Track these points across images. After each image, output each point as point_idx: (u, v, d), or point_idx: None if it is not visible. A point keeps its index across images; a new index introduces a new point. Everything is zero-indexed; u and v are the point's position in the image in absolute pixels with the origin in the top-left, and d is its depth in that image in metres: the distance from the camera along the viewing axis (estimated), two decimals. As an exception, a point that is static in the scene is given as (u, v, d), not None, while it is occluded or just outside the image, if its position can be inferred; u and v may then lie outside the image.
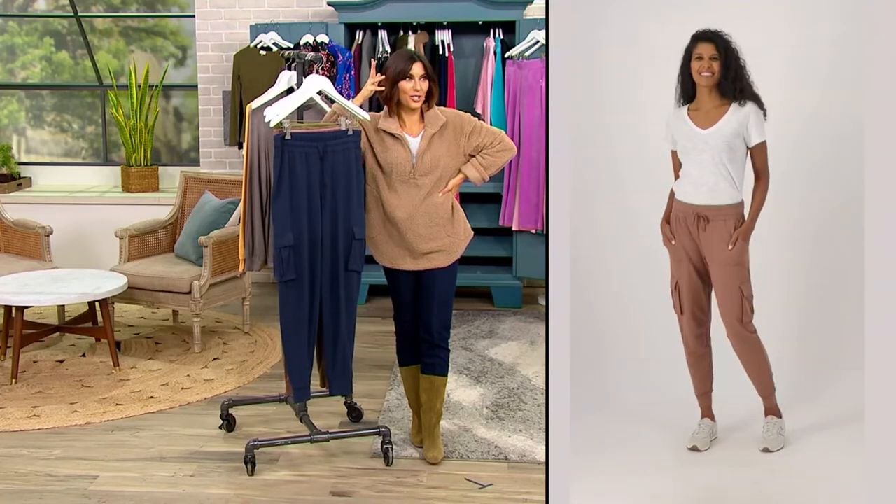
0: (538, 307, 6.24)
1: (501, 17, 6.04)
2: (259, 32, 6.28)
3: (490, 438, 3.99)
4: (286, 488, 3.58)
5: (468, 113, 3.77)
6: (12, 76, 7.68)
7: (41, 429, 4.17)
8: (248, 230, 3.77)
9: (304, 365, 3.70)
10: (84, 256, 6.80)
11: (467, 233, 3.74)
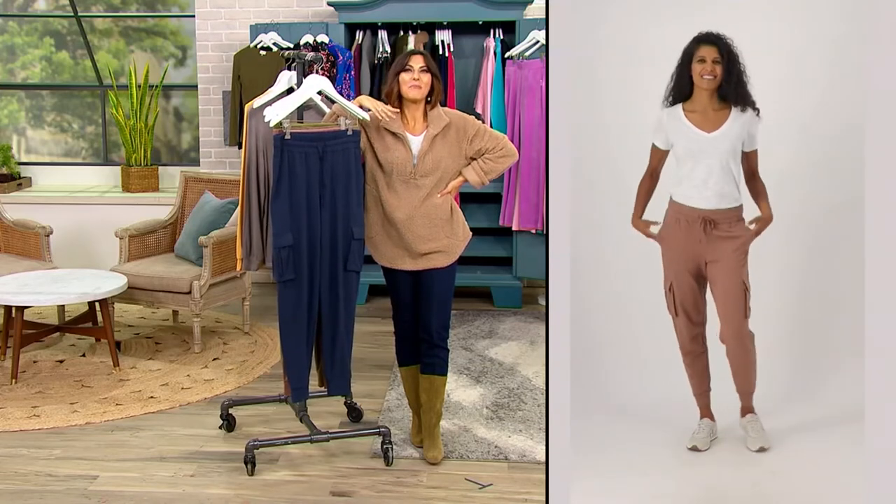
0: (538, 307, 6.24)
1: (501, 17, 6.04)
2: (259, 32, 6.28)
3: (490, 438, 3.99)
4: (286, 488, 3.58)
5: (471, 116, 3.77)
6: (12, 76, 7.68)
7: (41, 429, 4.16)
8: (246, 230, 3.77)
9: (303, 365, 3.70)
10: (84, 256, 6.81)
11: (466, 234, 3.74)
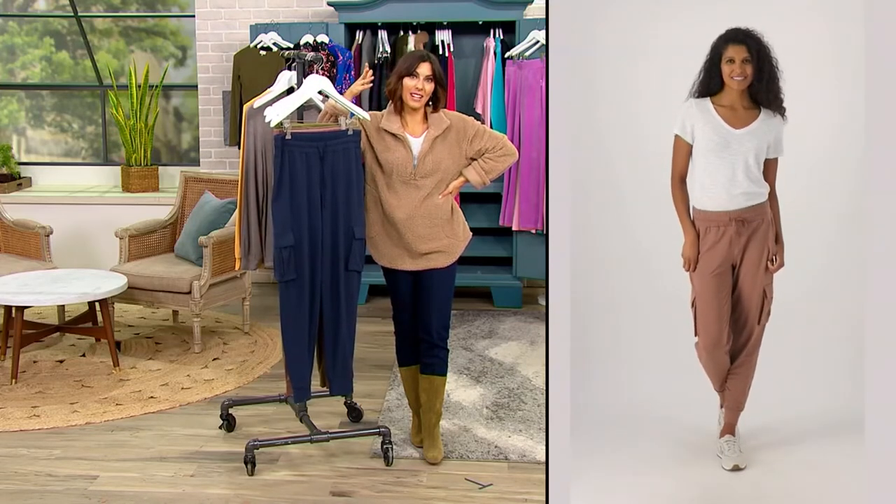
0: (538, 307, 6.24)
1: (501, 17, 6.04)
2: (259, 32, 6.28)
3: (490, 438, 3.99)
4: (286, 488, 3.58)
5: (471, 116, 3.77)
6: (12, 76, 7.68)
7: (41, 429, 4.16)
8: (244, 229, 3.77)
9: (305, 365, 3.70)
10: (84, 256, 6.80)
11: (466, 234, 3.74)
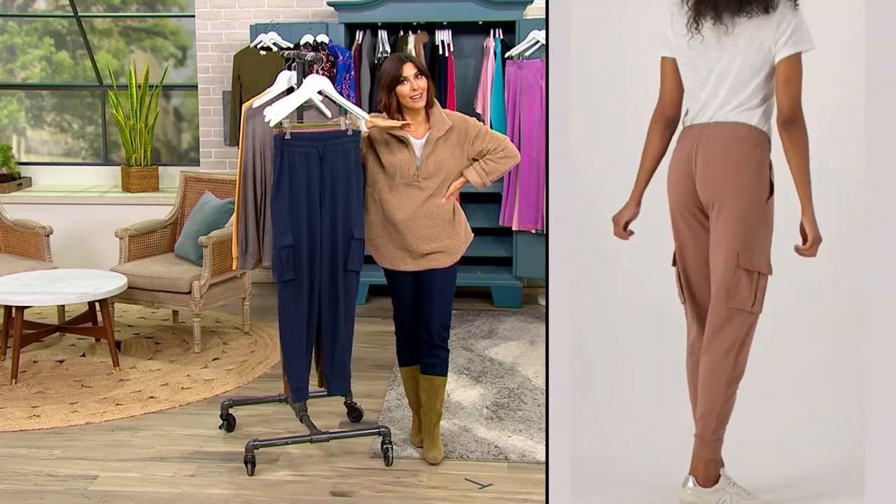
0: (538, 307, 6.24)
1: (501, 17, 6.04)
2: (259, 32, 6.28)
3: (490, 438, 3.99)
4: (286, 488, 3.58)
5: (472, 117, 3.77)
6: (12, 76, 7.68)
7: (41, 429, 4.16)
8: (242, 229, 3.77)
9: (303, 365, 3.70)
10: (84, 256, 6.80)
11: (468, 234, 3.74)
